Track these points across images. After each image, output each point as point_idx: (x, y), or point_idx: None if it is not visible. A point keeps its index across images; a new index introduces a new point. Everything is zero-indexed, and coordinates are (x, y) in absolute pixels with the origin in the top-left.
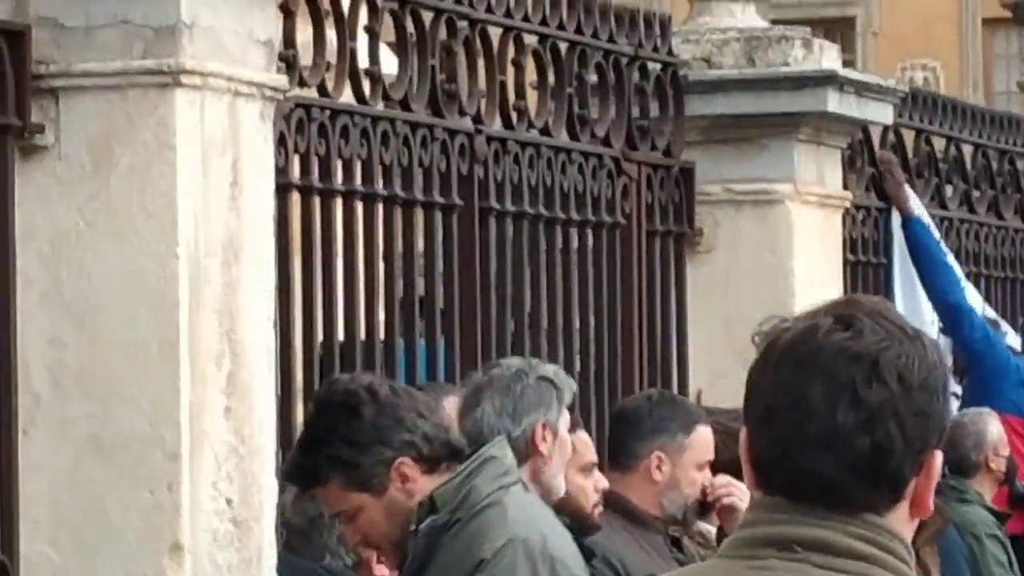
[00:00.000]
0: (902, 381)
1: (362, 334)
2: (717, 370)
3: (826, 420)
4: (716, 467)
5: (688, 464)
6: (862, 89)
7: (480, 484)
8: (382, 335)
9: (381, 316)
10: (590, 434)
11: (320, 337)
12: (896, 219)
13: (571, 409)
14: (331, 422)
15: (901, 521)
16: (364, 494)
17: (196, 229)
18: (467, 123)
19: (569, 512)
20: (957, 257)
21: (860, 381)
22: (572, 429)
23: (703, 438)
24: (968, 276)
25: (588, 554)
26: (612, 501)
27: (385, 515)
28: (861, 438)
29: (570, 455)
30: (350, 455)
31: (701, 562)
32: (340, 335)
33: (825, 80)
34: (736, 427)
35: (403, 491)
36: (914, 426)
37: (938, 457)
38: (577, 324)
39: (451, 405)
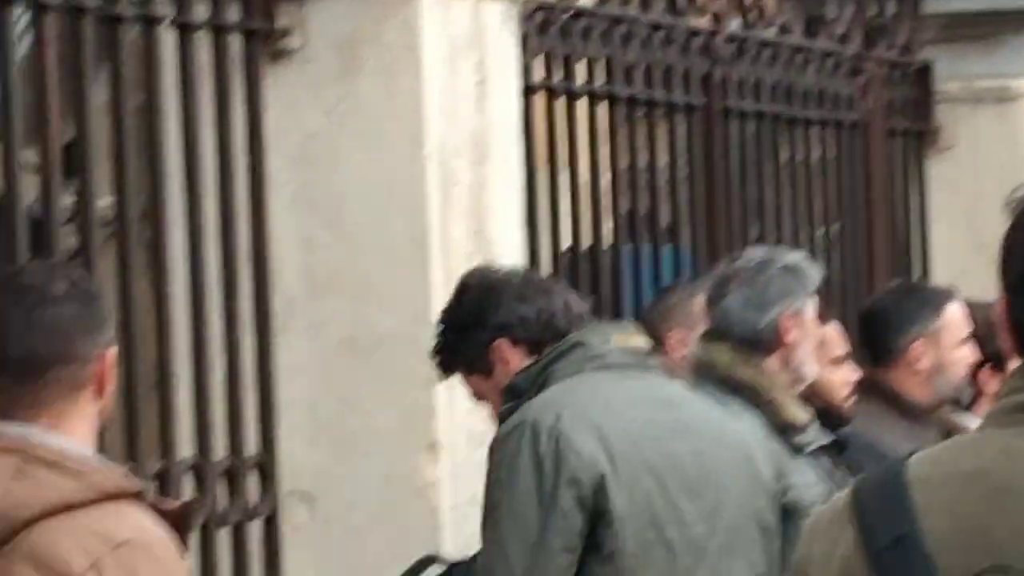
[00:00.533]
0: None
1: (605, 236)
2: (958, 267)
3: None
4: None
5: (948, 345)
6: None
7: (560, 368)
8: (612, 238)
9: (610, 223)
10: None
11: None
12: None
13: (819, 294)
14: (444, 311)
15: None
16: (476, 376)
17: (444, 129)
18: (706, 23)
19: (818, 405)
20: None
21: None
22: (822, 321)
23: (956, 315)
24: None
25: (840, 446)
26: (876, 391)
27: (498, 396)
28: None
29: (819, 342)
30: (452, 339)
31: (966, 434)
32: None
33: None
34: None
35: (505, 373)
36: None
37: None
38: (818, 224)
39: (699, 304)
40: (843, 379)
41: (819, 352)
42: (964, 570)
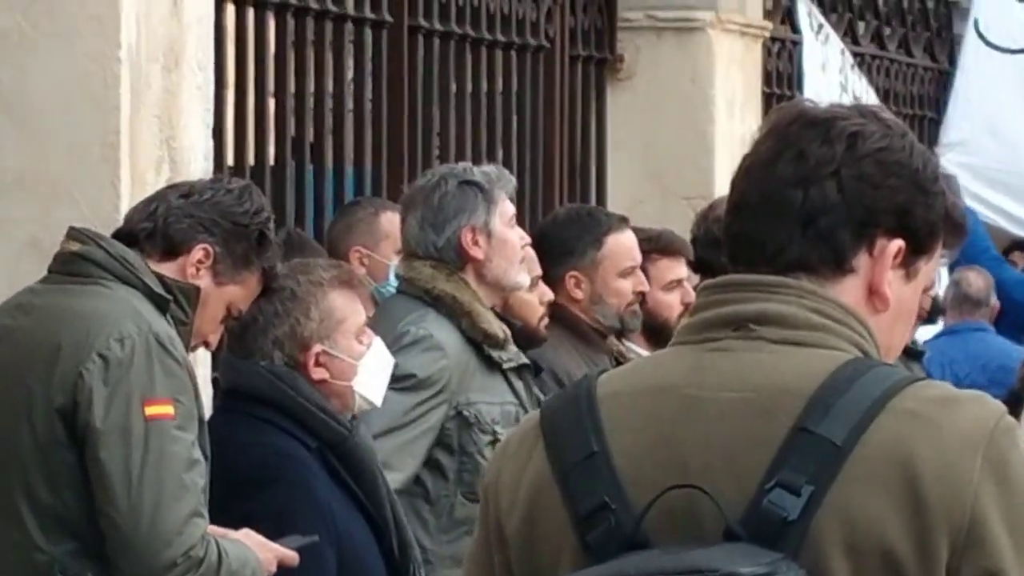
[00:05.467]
0: (852, 147)
1: (278, 156)
2: (635, 195)
3: (766, 175)
4: None
5: (606, 277)
6: None
7: None
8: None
9: (311, 135)
10: None
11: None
12: (808, 53)
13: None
14: None
15: (855, 299)
16: None
17: (138, 33)
18: None
19: (517, 325)
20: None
21: (808, 140)
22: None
23: (618, 247)
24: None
25: (535, 368)
26: (561, 316)
27: None
28: (795, 190)
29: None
30: None
31: (658, 352)
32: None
33: None
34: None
35: None
36: (856, 191)
37: (893, 245)
38: (500, 147)
39: (387, 220)
40: (537, 300)
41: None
42: (653, 486)
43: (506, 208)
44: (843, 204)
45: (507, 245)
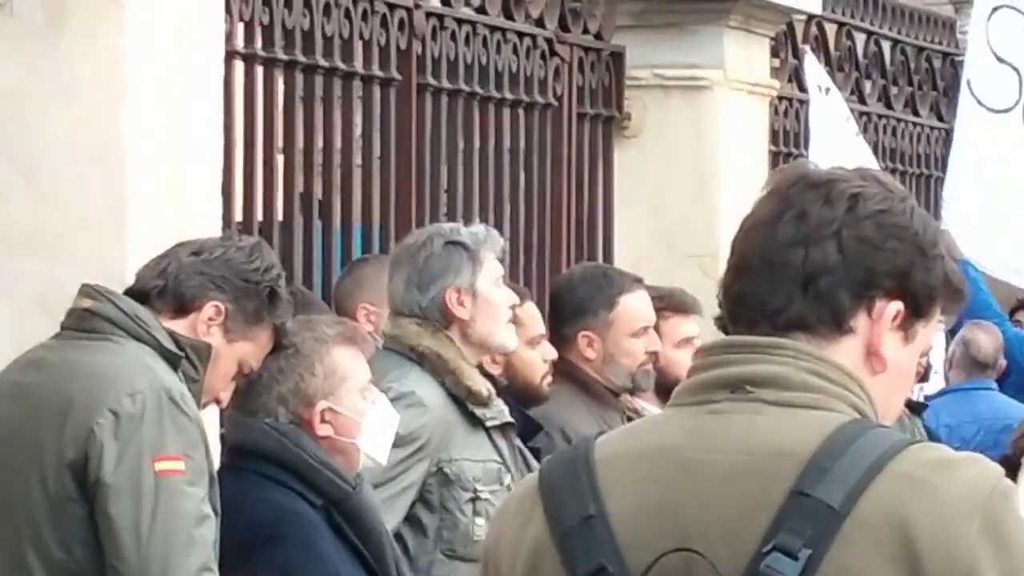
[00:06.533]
0: (853, 209)
1: (286, 212)
2: (642, 253)
3: (767, 236)
4: None
5: (619, 336)
6: None
7: None
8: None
9: (319, 192)
10: None
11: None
12: (815, 110)
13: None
14: None
15: (852, 361)
16: None
17: (144, 90)
18: None
19: (517, 385)
20: (874, 152)
21: (810, 201)
22: (520, 301)
23: (632, 307)
24: (884, 172)
25: (534, 427)
26: (566, 373)
27: None
28: (796, 250)
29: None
30: None
31: (657, 413)
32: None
33: None
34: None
35: None
36: (857, 252)
37: (892, 307)
38: (507, 203)
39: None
40: (540, 358)
41: (517, 331)
42: (651, 549)
43: (493, 268)
44: (843, 265)
45: (493, 306)
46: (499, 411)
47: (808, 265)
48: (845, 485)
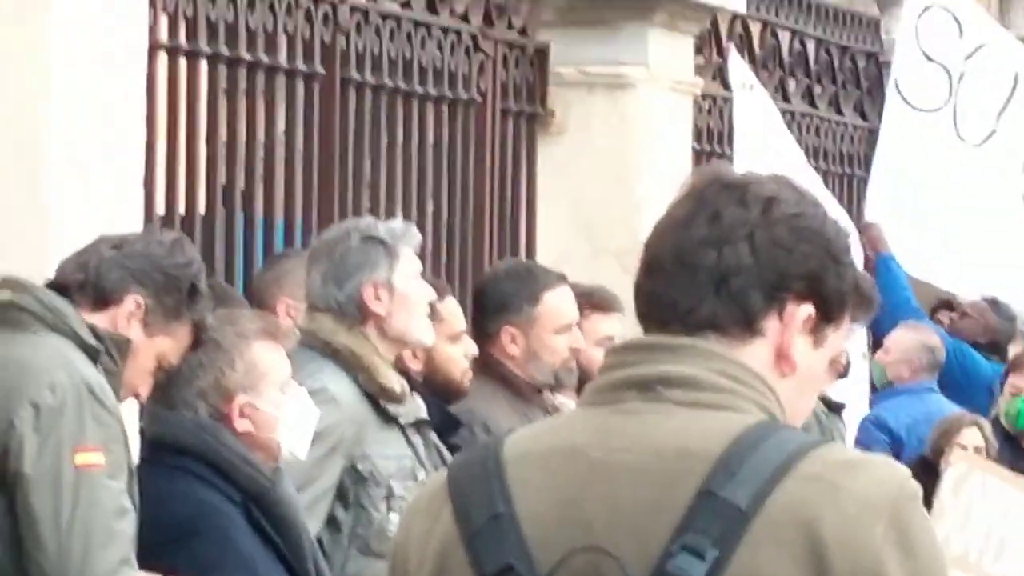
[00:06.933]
0: (767, 211)
1: (208, 204)
2: (563, 250)
3: (681, 235)
4: None
5: (542, 333)
6: None
7: None
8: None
9: (242, 185)
10: None
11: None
12: (740, 108)
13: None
14: None
15: (763, 364)
16: None
17: (68, 82)
18: None
19: (438, 380)
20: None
21: (724, 202)
22: (440, 298)
23: (555, 303)
24: (808, 169)
25: (453, 423)
26: (488, 369)
27: None
28: (708, 250)
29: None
30: None
31: (563, 413)
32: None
33: None
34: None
35: None
36: (770, 254)
37: (803, 310)
38: (430, 199)
39: None
40: (461, 354)
41: (437, 327)
42: (558, 548)
43: (410, 264)
44: (756, 266)
45: (410, 300)
46: (414, 408)
47: (721, 265)
48: (753, 486)
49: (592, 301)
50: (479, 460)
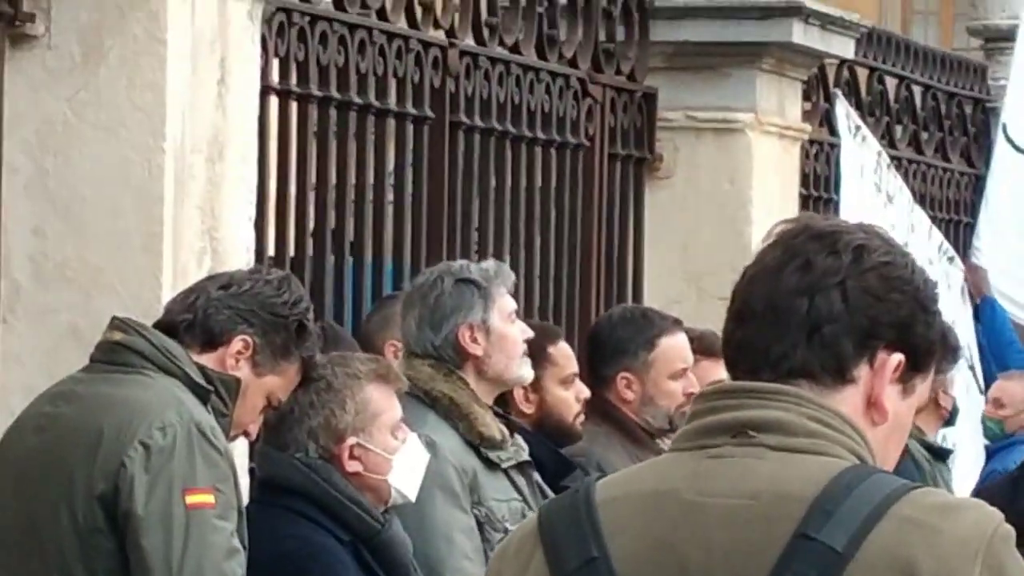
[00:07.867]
0: (858, 260)
1: (317, 247)
2: (670, 295)
3: (772, 284)
4: None
5: (658, 378)
6: (826, 22)
7: None
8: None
9: (351, 228)
10: None
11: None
12: (846, 154)
13: (540, 315)
14: None
15: (853, 410)
16: None
17: (183, 124)
18: (440, 36)
19: (551, 424)
20: None
21: (815, 251)
22: (553, 341)
23: (671, 349)
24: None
25: (567, 466)
26: (603, 413)
27: None
28: (800, 298)
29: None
30: None
31: (655, 457)
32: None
33: (790, 11)
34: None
35: None
36: (862, 303)
37: (894, 358)
38: (538, 242)
39: None
40: (573, 398)
41: (550, 370)
42: None
43: (505, 303)
44: (847, 314)
45: (507, 340)
46: (515, 450)
47: (813, 313)
48: (849, 528)
49: (701, 346)
50: (570, 504)
